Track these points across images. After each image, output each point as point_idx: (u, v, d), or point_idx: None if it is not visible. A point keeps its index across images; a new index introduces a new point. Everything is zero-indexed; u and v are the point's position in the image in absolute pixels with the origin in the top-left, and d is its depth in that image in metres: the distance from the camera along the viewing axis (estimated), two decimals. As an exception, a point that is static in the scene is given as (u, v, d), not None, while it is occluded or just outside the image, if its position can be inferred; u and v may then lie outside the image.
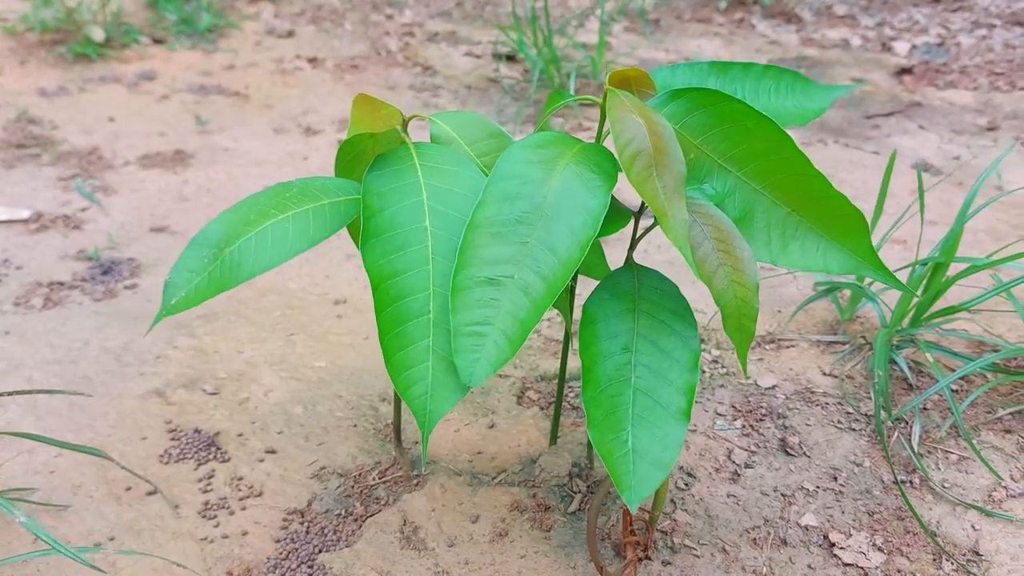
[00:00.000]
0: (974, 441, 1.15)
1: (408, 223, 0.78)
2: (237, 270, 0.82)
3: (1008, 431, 1.17)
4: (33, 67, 2.39)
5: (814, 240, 0.79)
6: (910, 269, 1.26)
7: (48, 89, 2.27)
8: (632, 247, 0.88)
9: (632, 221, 0.86)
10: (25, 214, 1.66)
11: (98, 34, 2.44)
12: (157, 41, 2.67)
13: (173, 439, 1.13)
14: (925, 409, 1.22)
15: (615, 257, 1.54)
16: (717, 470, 1.11)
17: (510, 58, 2.67)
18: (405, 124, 0.85)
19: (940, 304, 1.36)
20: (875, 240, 1.66)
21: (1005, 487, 1.08)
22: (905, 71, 2.70)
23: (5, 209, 1.67)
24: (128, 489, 1.05)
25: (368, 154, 0.90)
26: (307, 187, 0.88)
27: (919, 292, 1.26)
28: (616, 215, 0.81)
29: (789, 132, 2.26)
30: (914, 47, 2.93)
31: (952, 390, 1.25)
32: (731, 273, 0.77)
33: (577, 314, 1.33)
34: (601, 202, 0.77)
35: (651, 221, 1.28)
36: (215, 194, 1.79)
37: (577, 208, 0.76)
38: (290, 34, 2.83)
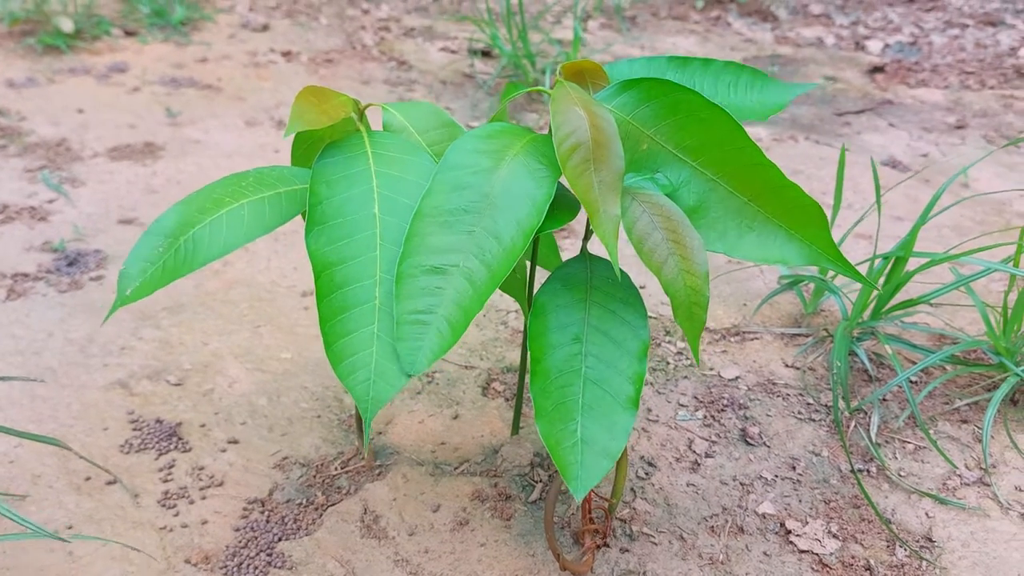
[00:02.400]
0: (931, 432, 1.17)
1: (357, 210, 0.78)
2: (192, 258, 0.82)
3: (964, 421, 1.19)
4: (1, 58, 2.37)
5: (772, 231, 0.79)
6: (870, 263, 1.27)
7: (16, 80, 2.25)
8: (587, 237, 0.88)
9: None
10: (-9, 205, 1.65)
11: (67, 25, 2.42)
12: (129, 33, 2.65)
13: (135, 429, 1.13)
14: (884, 400, 1.23)
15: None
16: (678, 460, 1.12)
17: (485, 54, 2.67)
18: (361, 112, 0.85)
19: (901, 298, 1.38)
20: (837, 234, 1.67)
21: (959, 475, 1.10)
22: (877, 69, 2.73)
23: (-30, 200, 1.66)
24: (88, 479, 1.05)
25: (325, 142, 0.91)
26: (264, 176, 0.88)
27: (879, 285, 1.27)
28: (565, 207, 0.82)
29: (759, 128, 2.27)
30: (887, 46, 2.96)
31: (911, 382, 1.27)
32: (681, 262, 0.77)
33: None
34: (546, 192, 0.77)
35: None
36: (184, 186, 1.78)
37: (523, 198, 0.77)
38: (265, 28, 2.82)
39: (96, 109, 2.13)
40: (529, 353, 0.80)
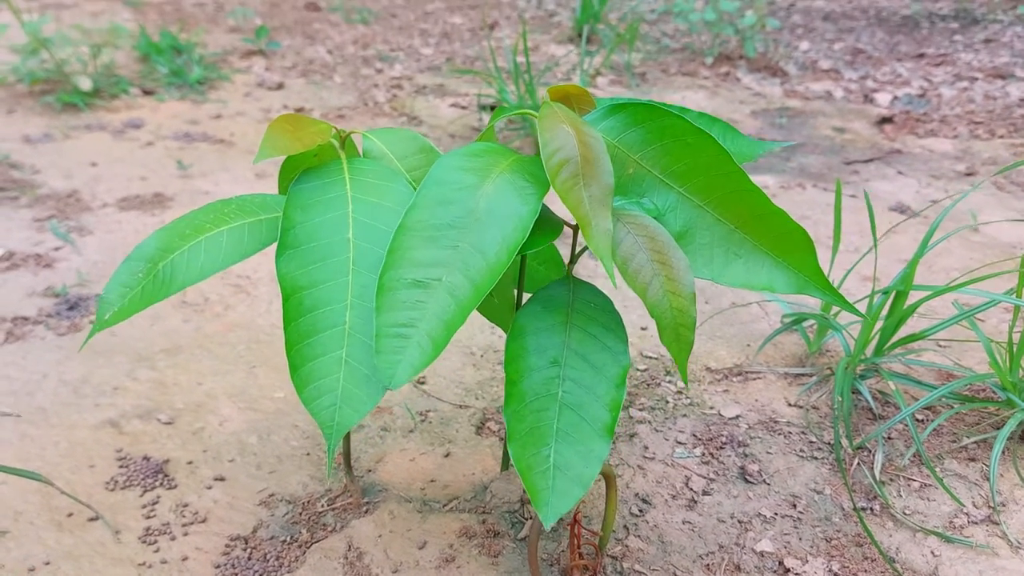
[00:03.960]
0: (937, 469, 1.13)
1: (330, 235, 0.77)
2: (169, 282, 0.82)
3: (972, 459, 1.15)
4: (20, 116, 2.43)
5: (759, 258, 0.78)
6: (869, 299, 1.25)
7: (32, 136, 2.30)
8: (572, 261, 0.87)
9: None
10: (-2, 252, 1.67)
11: (86, 84, 2.48)
12: (147, 92, 2.72)
13: (122, 467, 1.11)
14: (889, 438, 1.20)
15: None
16: (673, 497, 1.08)
17: (494, 108, 2.71)
18: (343, 140, 0.86)
19: (905, 333, 1.35)
20: (838, 274, 1.65)
21: (967, 513, 1.05)
22: (886, 120, 2.73)
23: (-22, 247, 1.68)
24: (70, 515, 1.03)
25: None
26: (245, 203, 0.88)
27: (880, 319, 1.24)
28: (548, 226, 0.81)
29: (767, 175, 2.27)
30: (896, 98, 2.96)
31: (917, 419, 1.23)
32: (666, 283, 0.76)
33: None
34: (532, 208, 0.76)
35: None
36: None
37: (509, 214, 0.76)
38: (280, 86, 2.88)
39: (109, 163, 2.17)
40: (505, 376, 0.78)
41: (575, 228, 0.87)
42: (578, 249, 1.75)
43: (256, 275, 1.63)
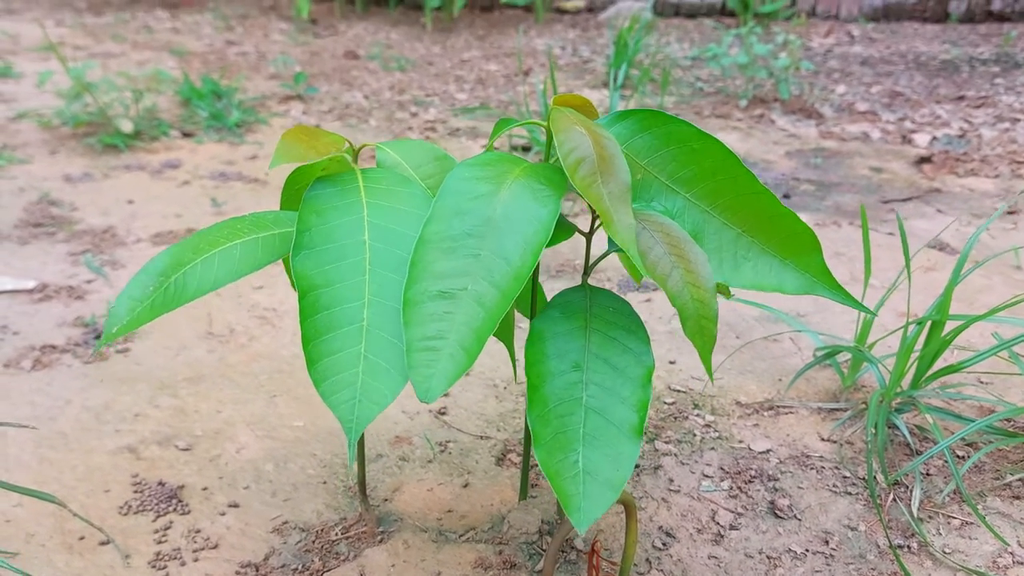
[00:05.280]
0: (979, 507, 1.07)
1: (346, 237, 0.76)
2: (180, 294, 0.82)
3: (1017, 497, 1.09)
4: (62, 156, 2.49)
5: (767, 260, 0.77)
6: (903, 330, 1.20)
7: (73, 175, 2.35)
8: (587, 272, 0.85)
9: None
10: (30, 285, 1.69)
11: (127, 126, 2.54)
12: (186, 135, 2.77)
13: (136, 492, 1.10)
14: (928, 475, 1.14)
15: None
16: (699, 531, 1.04)
17: (526, 149, 2.72)
18: (356, 153, 0.85)
19: (941, 366, 1.30)
20: (871, 303, 1.61)
21: (1011, 553, 1.00)
22: (924, 160, 2.69)
23: (11, 280, 1.70)
24: (82, 539, 1.02)
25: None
26: (260, 219, 0.88)
27: (916, 352, 1.20)
28: (561, 228, 0.80)
29: (802, 213, 2.24)
30: (935, 138, 2.92)
31: (958, 456, 1.18)
32: (686, 275, 0.74)
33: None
34: (551, 210, 0.75)
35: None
36: (220, 268, 1.81)
37: (528, 218, 0.75)
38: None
39: (146, 201, 2.20)
40: (527, 380, 0.76)
41: (588, 236, 0.85)
42: (592, 259, 1.72)
43: (282, 308, 1.63)
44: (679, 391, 1.37)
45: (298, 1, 5.01)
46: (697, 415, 1.30)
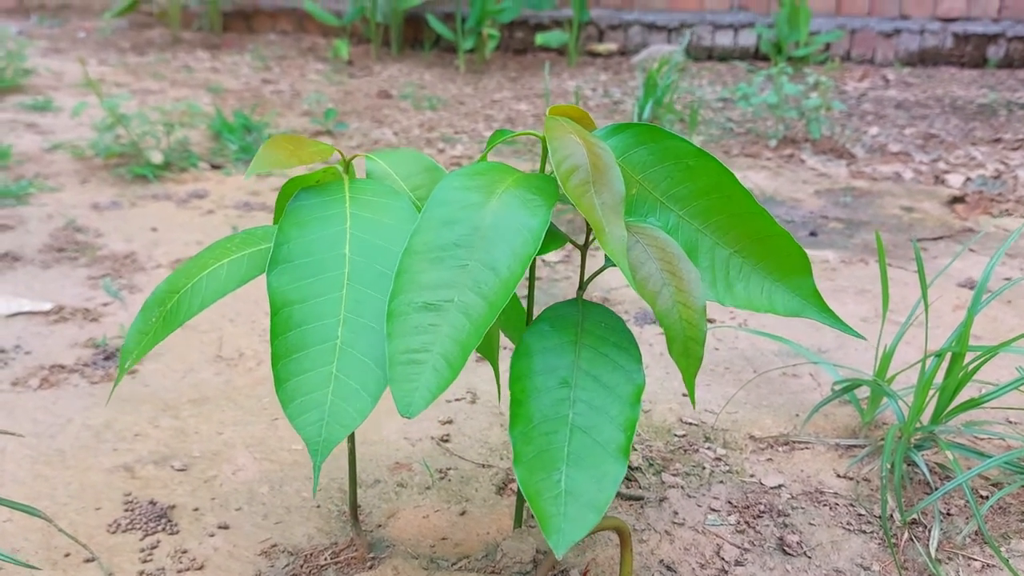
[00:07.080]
0: (1002, 550, 1.02)
1: (325, 250, 0.75)
2: (174, 318, 0.82)
3: (1043, 539, 1.03)
4: (92, 186, 2.53)
5: (758, 281, 0.75)
6: (922, 363, 1.16)
7: (101, 203, 2.38)
8: (582, 287, 0.83)
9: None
10: (47, 306, 1.70)
11: (157, 157, 2.58)
12: (215, 167, 2.80)
13: (127, 510, 1.08)
14: (949, 514, 1.09)
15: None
16: (702, 566, 0.99)
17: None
18: (347, 163, 0.84)
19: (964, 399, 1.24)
20: (888, 340, 1.55)
21: (1035, 597, 0.94)
22: (957, 200, 2.63)
23: (28, 302, 1.72)
24: (67, 556, 1.00)
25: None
26: (250, 235, 0.87)
27: (934, 387, 1.15)
28: (551, 237, 0.78)
29: (827, 251, 2.19)
30: (968, 179, 2.86)
31: (981, 496, 1.12)
32: (676, 294, 0.71)
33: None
34: (542, 219, 0.73)
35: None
36: (237, 292, 1.81)
37: (517, 227, 0.73)
38: (342, 163, 2.94)
39: (169, 228, 2.22)
40: (510, 395, 0.73)
41: (583, 249, 0.83)
42: (587, 275, 1.69)
43: (293, 333, 1.62)
44: (691, 424, 1.32)
45: (336, 43, 5.10)
46: (708, 448, 1.25)
